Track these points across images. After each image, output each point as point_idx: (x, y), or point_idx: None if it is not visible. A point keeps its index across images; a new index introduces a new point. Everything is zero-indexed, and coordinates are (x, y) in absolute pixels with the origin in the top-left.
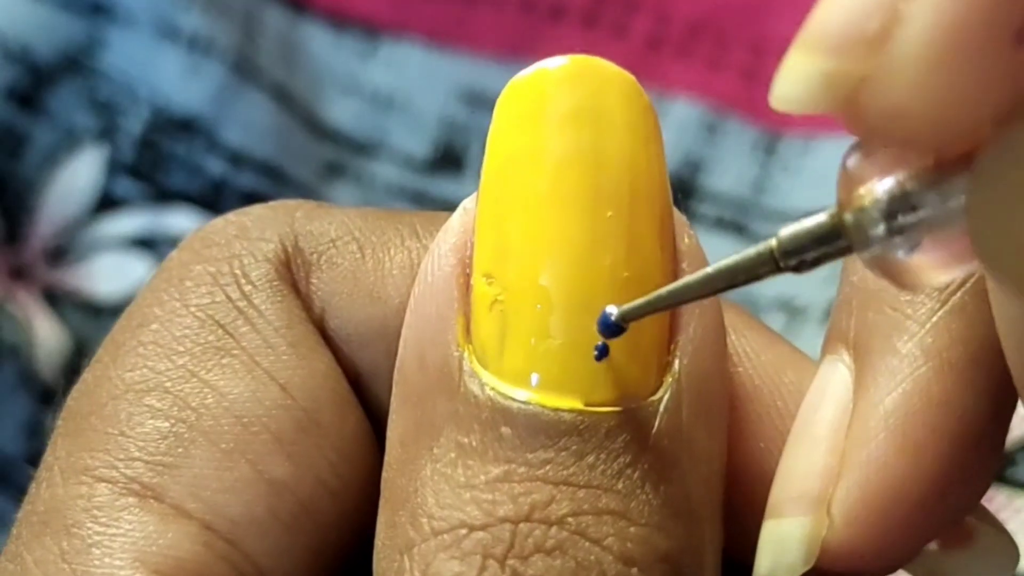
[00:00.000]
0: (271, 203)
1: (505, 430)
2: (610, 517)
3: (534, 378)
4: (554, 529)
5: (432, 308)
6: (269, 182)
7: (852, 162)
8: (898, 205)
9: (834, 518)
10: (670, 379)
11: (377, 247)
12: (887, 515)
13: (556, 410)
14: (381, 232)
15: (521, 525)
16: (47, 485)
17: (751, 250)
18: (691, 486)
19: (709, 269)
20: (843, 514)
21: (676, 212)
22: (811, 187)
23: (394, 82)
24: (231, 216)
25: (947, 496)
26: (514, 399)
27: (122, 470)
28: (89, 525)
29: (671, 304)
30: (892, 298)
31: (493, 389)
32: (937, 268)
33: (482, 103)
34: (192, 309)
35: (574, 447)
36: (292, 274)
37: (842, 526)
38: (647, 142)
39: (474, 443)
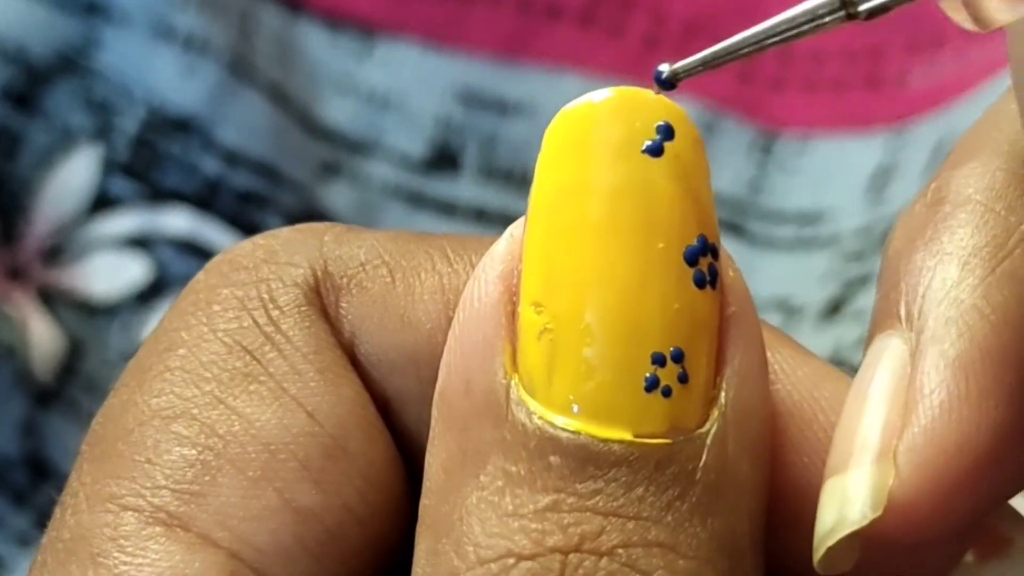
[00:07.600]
0: (300, 226)
1: (554, 459)
2: (659, 550)
3: (580, 408)
4: (604, 560)
5: (479, 335)
6: (265, 182)
7: None
8: None
9: (900, 467)
10: (716, 412)
11: (408, 271)
12: (954, 462)
13: (606, 441)
14: (411, 256)
15: (571, 555)
16: (72, 511)
17: None
18: (736, 520)
19: (773, 19)
20: (909, 461)
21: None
22: (808, 187)
23: (390, 82)
24: (259, 239)
25: (1011, 452)
26: (563, 429)
27: (149, 499)
28: (116, 555)
29: (730, 58)
30: (943, 270)
31: (541, 418)
32: (1008, 2)
33: (478, 103)
34: (219, 334)
35: (623, 478)
36: (321, 299)
37: (909, 473)
38: (697, 174)
39: (522, 472)
